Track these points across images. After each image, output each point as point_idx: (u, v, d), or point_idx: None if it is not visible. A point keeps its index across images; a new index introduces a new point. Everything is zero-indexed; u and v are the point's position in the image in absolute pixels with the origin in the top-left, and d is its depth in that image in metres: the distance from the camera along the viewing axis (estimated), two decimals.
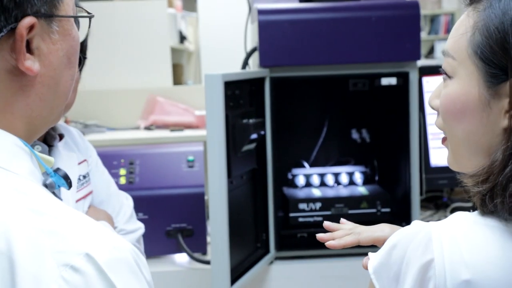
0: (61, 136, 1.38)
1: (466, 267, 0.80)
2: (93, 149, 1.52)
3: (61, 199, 0.75)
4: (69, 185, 0.78)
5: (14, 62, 0.73)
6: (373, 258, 0.90)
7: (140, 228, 1.50)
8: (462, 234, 0.83)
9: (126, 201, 1.53)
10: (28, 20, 0.72)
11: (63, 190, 1.31)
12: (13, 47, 0.72)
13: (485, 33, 0.83)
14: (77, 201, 1.37)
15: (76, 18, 0.81)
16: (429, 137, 2.14)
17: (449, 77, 0.88)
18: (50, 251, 0.64)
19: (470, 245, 0.81)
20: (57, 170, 0.79)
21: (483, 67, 0.83)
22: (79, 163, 1.41)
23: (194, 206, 1.91)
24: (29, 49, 0.73)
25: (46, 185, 0.75)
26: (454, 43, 0.87)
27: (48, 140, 1.36)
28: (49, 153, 1.34)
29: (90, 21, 0.86)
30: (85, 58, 1.35)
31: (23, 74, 0.74)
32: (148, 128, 2.62)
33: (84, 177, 1.41)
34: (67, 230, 0.66)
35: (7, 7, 0.71)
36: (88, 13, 0.85)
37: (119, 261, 0.67)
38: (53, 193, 0.75)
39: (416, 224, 0.87)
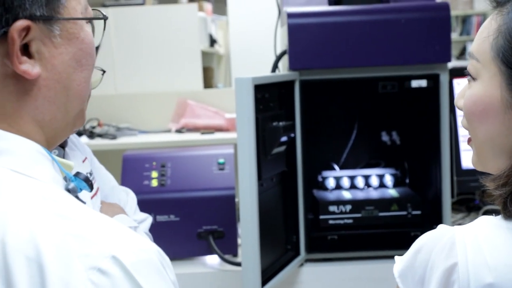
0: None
1: (489, 270, 0.80)
2: (87, 147, 1.55)
3: (84, 203, 0.76)
4: (91, 187, 0.79)
5: (12, 66, 0.72)
6: (398, 262, 0.91)
7: (148, 217, 1.53)
8: (485, 238, 0.83)
9: (127, 195, 1.56)
10: (20, 24, 0.71)
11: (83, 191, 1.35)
12: (8, 52, 0.72)
13: (507, 37, 0.84)
14: (91, 198, 1.40)
15: (90, 21, 0.80)
16: (460, 139, 2.13)
17: (473, 78, 0.89)
18: (77, 254, 0.65)
19: (493, 248, 0.82)
20: (77, 174, 0.80)
21: (505, 71, 0.84)
22: (83, 161, 1.43)
23: (225, 208, 1.93)
24: (28, 53, 0.73)
25: (68, 190, 0.76)
26: (478, 45, 0.89)
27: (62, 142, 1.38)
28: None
29: (105, 24, 0.85)
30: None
31: (24, 78, 0.73)
32: (179, 131, 2.66)
33: (90, 174, 1.44)
34: (93, 233, 0.67)
35: None
36: (102, 16, 0.84)
37: (145, 263, 0.67)
38: (76, 197, 0.76)
39: (441, 228, 0.88)
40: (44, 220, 0.66)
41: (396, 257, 0.92)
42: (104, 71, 1.30)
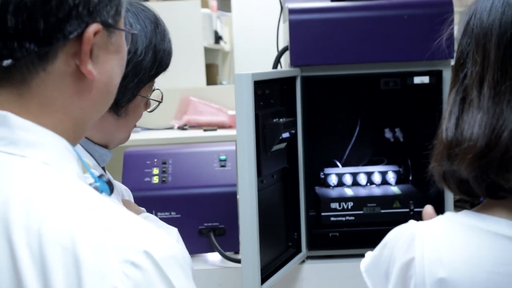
0: None
1: (443, 265, 0.82)
2: None
3: None
4: (111, 191, 0.81)
5: (75, 66, 0.77)
6: (366, 257, 0.93)
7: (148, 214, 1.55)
8: (443, 234, 0.85)
9: (126, 190, 1.58)
10: (95, 27, 0.76)
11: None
12: (78, 51, 0.76)
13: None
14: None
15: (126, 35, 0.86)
16: None
17: None
18: (112, 247, 0.67)
19: (448, 245, 0.84)
20: (101, 176, 0.82)
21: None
22: None
23: (227, 205, 1.92)
24: (90, 55, 0.78)
25: None
26: None
27: None
28: None
29: (132, 37, 0.92)
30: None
31: (82, 79, 0.78)
32: (182, 128, 2.65)
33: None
34: (123, 227, 0.70)
35: (81, 13, 0.75)
36: (134, 30, 0.92)
37: (172, 258, 0.70)
38: None
39: (407, 223, 0.90)
40: (79, 213, 0.69)
41: (367, 253, 0.94)
42: (160, 102, 1.40)
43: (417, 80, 1.82)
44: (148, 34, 1.29)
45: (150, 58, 1.29)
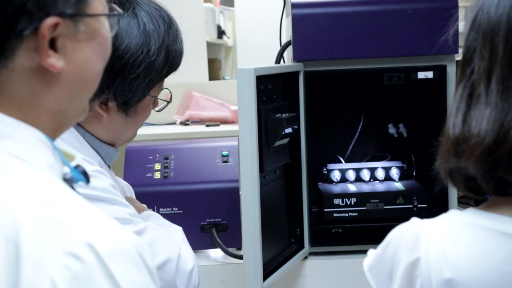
0: None
1: (449, 266, 0.80)
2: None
3: (79, 193, 0.77)
4: (87, 180, 0.80)
5: (38, 60, 0.76)
6: (369, 255, 0.91)
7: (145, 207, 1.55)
8: (449, 233, 0.83)
9: (128, 187, 1.59)
10: (51, 21, 0.75)
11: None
12: (37, 46, 0.76)
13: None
14: None
15: (108, 16, 0.84)
16: None
17: None
18: (54, 239, 0.67)
19: (454, 244, 0.82)
20: (77, 167, 0.81)
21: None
22: None
23: (229, 201, 1.91)
24: (54, 47, 0.77)
25: (65, 179, 0.78)
26: None
27: None
28: None
29: (118, 20, 0.89)
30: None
31: (48, 71, 0.77)
32: (184, 123, 2.64)
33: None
34: (72, 219, 0.69)
35: (31, 10, 0.74)
36: (118, 12, 0.88)
37: (120, 252, 0.69)
38: (72, 187, 0.78)
39: (410, 222, 0.88)
40: (28, 204, 0.69)
41: (369, 251, 0.92)
42: (168, 102, 1.37)
43: (421, 75, 1.81)
44: (161, 34, 1.28)
45: (162, 59, 1.28)
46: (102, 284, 0.66)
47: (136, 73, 1.24)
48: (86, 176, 0.81)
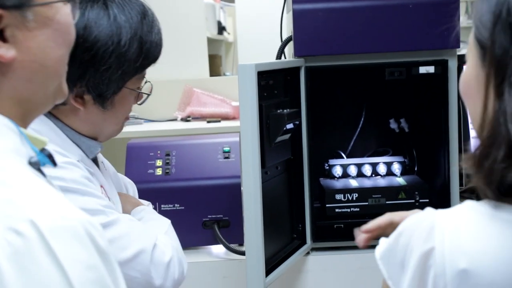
0: None
1: (465, 256, 0.80)
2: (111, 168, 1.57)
3: (45, 175, 0.80)
4: (54, 163, 0.82)
5: None
6: (382, 244, 0.90)
7: (149, 204, 1.54)
8: (465, 224, 0.82)
9: (130, 184, 1.58)
10: None
11: (109, 184, 1.38)
12: None
13: (476, 15, 0.86)
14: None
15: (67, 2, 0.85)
16: (470, 126, 2.09)
17: (465, 62, 0.92)
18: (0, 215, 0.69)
19: (470, 235, 0.81)
20: (42, 150, 0.83)
21: (478, 49, 0.86)
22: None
23: (231, 197, 1.91)
24: (4, 38, 0.78)
25: (31, 163, 0.79)
26: (471, 32, 0.90)
27: None
28: None
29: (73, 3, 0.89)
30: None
31: (1, 62, 0.78)
32: (185, 119, 2.64)
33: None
34: (20, 198, 0.71)
35: None
36: None
37: (63, 229, 0.69)
38: (39, 169, 0.79)
39: (425, 212, 0.87)
40: None
41: (381, 239, 0.92)
42: (148, 95, 1.36)
43: (423, 70, 1.80)
44: (133, 25, 1.26)
45: (135, 50, 1.26)
46: (43, 260, 0.67)
47: (107, 64, 1.23)
48: (51, 159, 0.82)
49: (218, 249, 1.95)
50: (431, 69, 1.81)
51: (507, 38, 0.81)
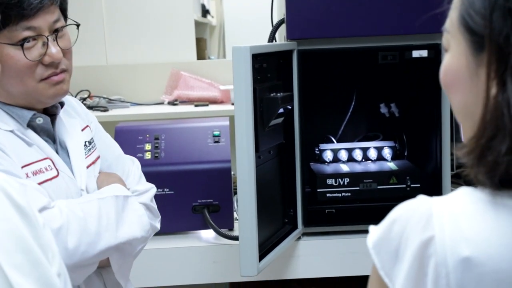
0: (62, 105, 1.38)
1: (467, 244, 0.77)
2: (92, 115, 1.52)
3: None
4: None
5: None
6: (373, 232, 0.86)
7: (152, 187, 1.50)
8: (464, 211, 0.80)
9: (133, 164, 1.52)
10: None
11: (74, 158, 1.33)
12: None
13: (465, 2, 0.82)
14: (87, 167, 1.38)
15: None
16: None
17: (446, 51, 0.87)
18: None
19: (470, 222, 0.79)
20: None
21: (468, 36, 0.82)
22: (82, 130, 1.42)
23: (221, 181, 1.89)
24: None
25: None
26: (450, 17, 0.87)
27: (50, 110, 1.35)
28: (52, 122, 1.34)
29: None
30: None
31: None
32: (172, 103, 2.60)
33: (90, 142, 1.43)
34: None
35: None
36: None
37: None
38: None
39: (419, 199, 0.84)
40: None
41: (370, 227, 0.88)
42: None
43: (416, 54, 1.79)
44: None
45: None
46: None
47: None
48: None
49: (208, 234, 1.93)
50: (424, 53, 1.79)
51: (508, 25, 0.79)
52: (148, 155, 1.92)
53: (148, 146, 1.94)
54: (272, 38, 1.86)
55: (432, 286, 0.78)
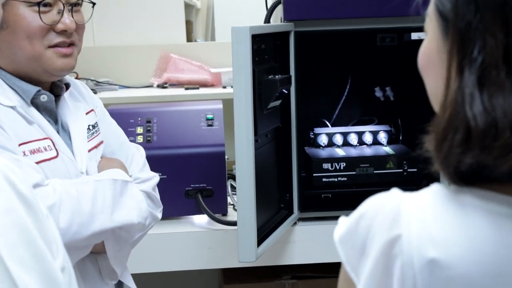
0: (67, 86, 1.36)
1: (434, 245, 0.73)
2: (98, 100, 1.50)
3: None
4: None
5: None
6: (341, 225, 0.82)
7: (155, 176, 1.46)
8: (432, 210, 0.75)
9: (138, 151, 1.49)
10: None
11: (75, 140, 1.30)
12: None
13: None
14: (89, 150, 1.34)
15: None
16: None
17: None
18: None
19: (438, 222, 0.75)
20: None
21: (439, 21, 0.80)
22: (87, 113, 1.39)
23: (215, 165, 1.85)
24: None
25: None
26: (431, 2, 0.84)
27: (55, 90, 1.33)
28: (56, 103, 1.31)
29: None
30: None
31: None
32: (162, 86, 2.55)
33: (94, 126, 1.40)
34: None
35: None
36: None
37: None
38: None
39: (389, 193, 0.80)
40: None
41: (340, 219, 0.84)
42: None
43: (415, 36, 1.76)
44: None
45: None
46: None
47: None
48: None
49: (201, 219, 1.90)
50: (423, 35, 1.75)
51: (471, 10, 0.75)
52: (140, 139, 1.87)
53: (140, 130, 1.89)
54: (268, 19, 1.82)
55: (398, 287, 0.75)
